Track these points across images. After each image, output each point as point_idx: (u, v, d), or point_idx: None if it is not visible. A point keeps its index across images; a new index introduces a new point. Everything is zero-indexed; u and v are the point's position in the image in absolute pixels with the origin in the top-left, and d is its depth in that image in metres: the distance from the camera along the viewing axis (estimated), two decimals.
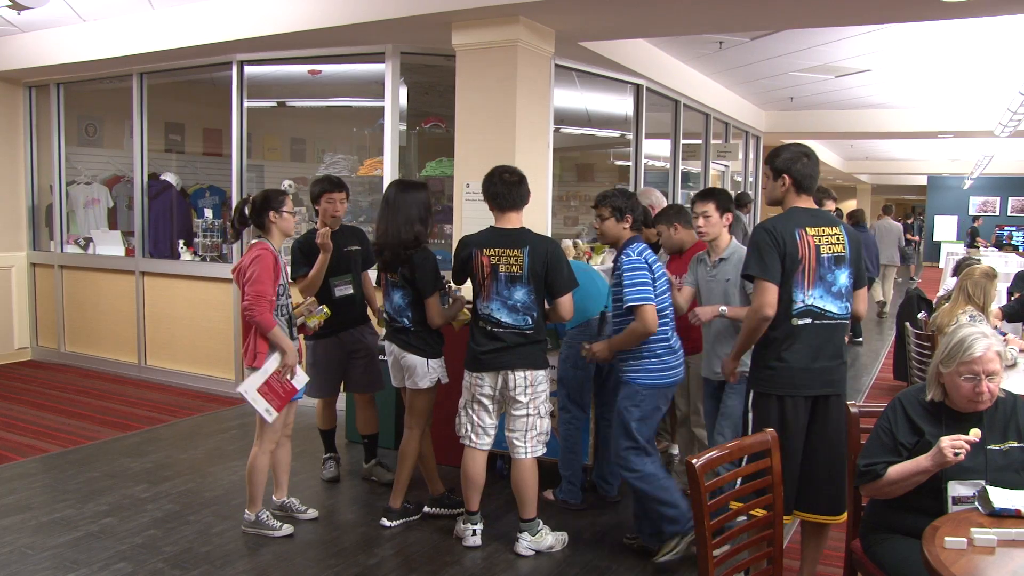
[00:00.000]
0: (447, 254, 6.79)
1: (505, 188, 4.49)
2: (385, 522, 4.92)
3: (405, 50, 7.16)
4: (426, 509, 5.09)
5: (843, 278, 3.76)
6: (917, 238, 25.17)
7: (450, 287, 4.92)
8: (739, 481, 3.18)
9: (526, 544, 4.59)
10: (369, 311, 5.70)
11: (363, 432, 5.75)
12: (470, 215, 6.26)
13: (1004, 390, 3.17)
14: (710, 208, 4.75)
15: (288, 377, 4.65)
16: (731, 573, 2.98)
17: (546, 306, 4.52)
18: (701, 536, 2.79)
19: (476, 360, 4.51)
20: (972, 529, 2.64)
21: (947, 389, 3.11)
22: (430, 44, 7.00)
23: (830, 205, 6.74)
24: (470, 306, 4.73)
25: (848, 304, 3.80)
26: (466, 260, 4.55)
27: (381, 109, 7.24)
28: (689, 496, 3.10)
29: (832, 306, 3.73)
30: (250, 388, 4.60)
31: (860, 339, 12.05)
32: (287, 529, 4.79)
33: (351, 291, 5.50)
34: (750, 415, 3.82)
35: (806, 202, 3.84)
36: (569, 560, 4.55)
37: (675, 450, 6.17)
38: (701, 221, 4.78)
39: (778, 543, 3.12)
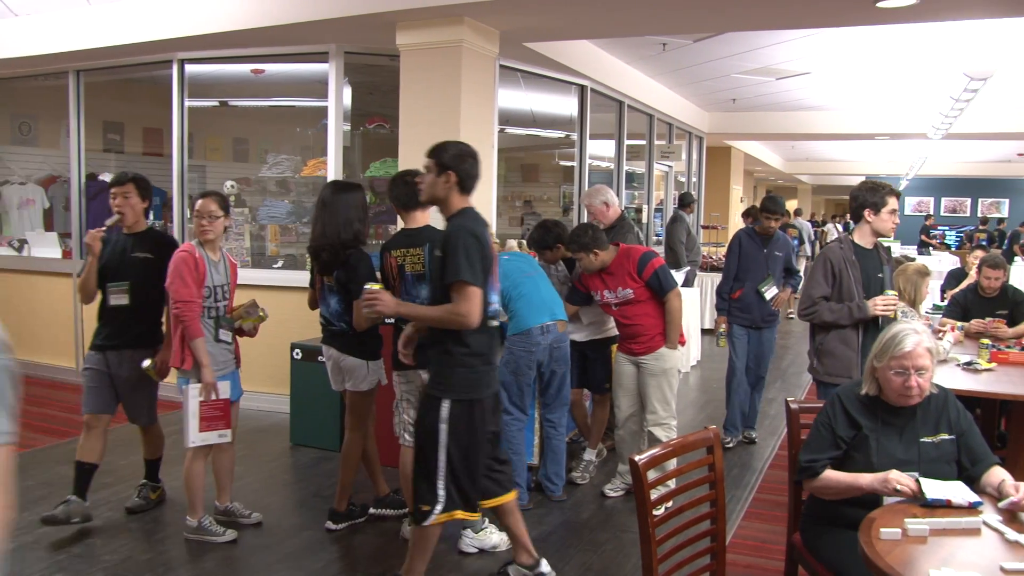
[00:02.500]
0: None
1: (405, 188, 4.52)
2: (330, 525, 4.89)
3: (349, 50, 7.12)
4: (372, 511, 5.07)
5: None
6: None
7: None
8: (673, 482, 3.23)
9: (469, 541, 4.60)
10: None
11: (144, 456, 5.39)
12: None
13: (936, 384, 3.26)
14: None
15: (213, 397, 4.62)
16: (675, 569, 3.00)
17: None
18: (645, 533, 2.81)
19: (396, 359, 4.52)
20: (906, 520, 2.70)
21: (881, 384, 3.19)
22: (374, 44, 6.97)
23: (774, 224, 6.75)
24: None
25: None
26: (382, 264, 4.58)
27: (325, 109, 7.19)
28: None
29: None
30: (193, 436, 4.60)
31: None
32: (231, 534, 4.73)
33: (126, 301, 4.90)
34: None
35: (467, 203, 3.85)
36: None
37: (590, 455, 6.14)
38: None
39: (720, 538, 3.16)
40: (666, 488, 4.11)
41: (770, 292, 6.64)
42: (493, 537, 4.64)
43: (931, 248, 21.35)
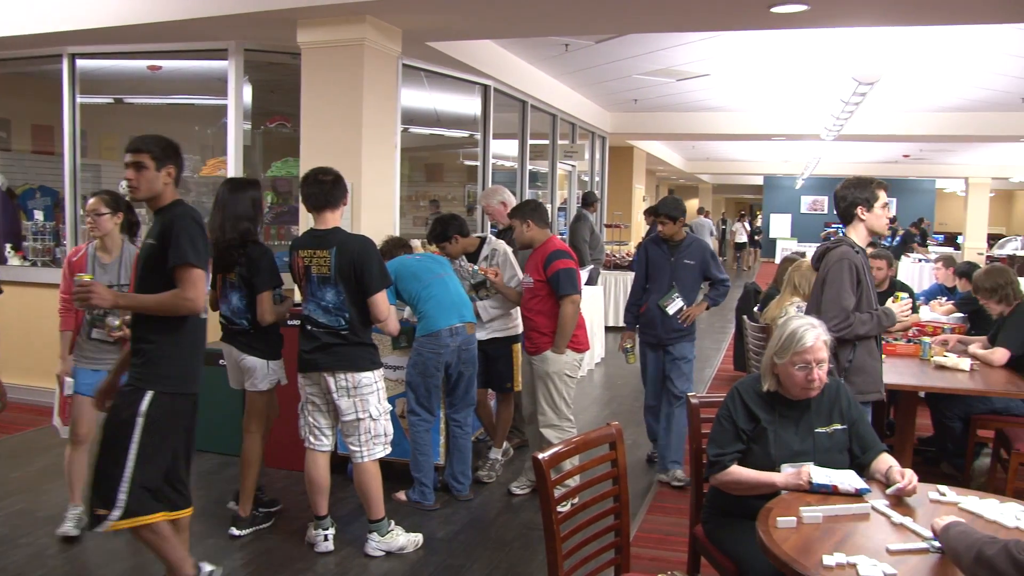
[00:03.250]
0: None
1: (317, 188, 4.47)
2: (234, 531, 4.80)
3: (249, 47, 7.00)
4: (232, 530, 4.87)
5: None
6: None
7: (281, 285, 4.85)
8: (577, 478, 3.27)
9: (375, 544, 4.57)
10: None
11: None
12: None
13: (829, 376, 3.38)
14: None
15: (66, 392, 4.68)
16: (580, 564, 3.04)
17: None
18: (549, 530, 2.84)
19: (301, 360, 4.51)
20: (801, 508, 2.81)
21: (781, 379, 3.29)
22: (275, 42, 6.87)
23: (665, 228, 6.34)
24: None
25: None
26: (291, 262, 4.56)
27: (224, 107, 7.05)
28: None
29: None
30: (57, 424, 4.86)
31: None
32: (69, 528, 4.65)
33: None
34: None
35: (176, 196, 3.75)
36: (423, 560, 4.56)
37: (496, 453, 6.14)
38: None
39: (625, 532, 3.22)
40: (568, 486, 4.15)
41: (673, 306, 5.87)
42: (400, 539, 4.63)
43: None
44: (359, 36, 6.09)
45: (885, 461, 3.22)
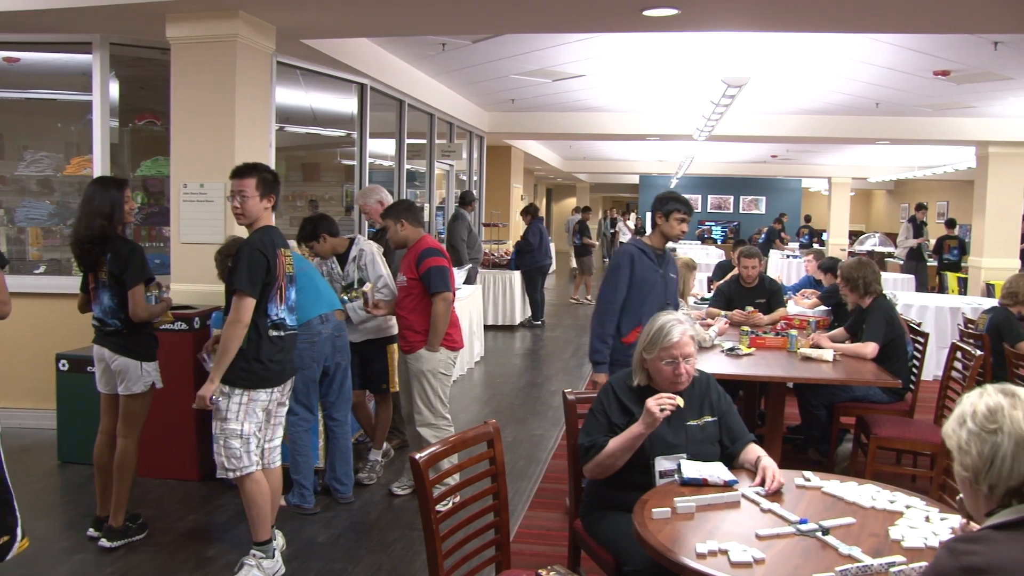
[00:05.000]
0: (166, 257, 6.50)
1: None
2: (105, 543, 4.60)
3: (115, 40, 6.76)
4: (103, 542, 4.65)
5: None
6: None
7: (159, 285, 4.70)
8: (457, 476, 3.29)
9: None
10: None
11: None
12: (189, 216, 6.02)
13: (698, 370, 3.50)
14: None
15: None
16: (461, 563, 3.06)
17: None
18: (428, 529, 2.84)
19: (271, 372, 4.24)
20: (675, 499, 2.90)
21: (651, 373, 3.39)
22: (143, 36, 6.66)
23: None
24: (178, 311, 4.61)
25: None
26: (275, 261, 4.22)
27: (89, 104, 6.79)
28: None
29: None
30: None
31: (539, 321, 13.38)
32: None
33: None
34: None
35: None
36: (304, 566, 4.49)
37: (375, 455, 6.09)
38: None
39: (504, 529, 3.25)
40: (448, 484, 4.16)
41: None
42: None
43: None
44: (231, 32, 5.95)
45: (753, 451, 3.35)
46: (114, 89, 6.96)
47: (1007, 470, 1.83)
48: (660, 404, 3.14)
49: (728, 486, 3.05)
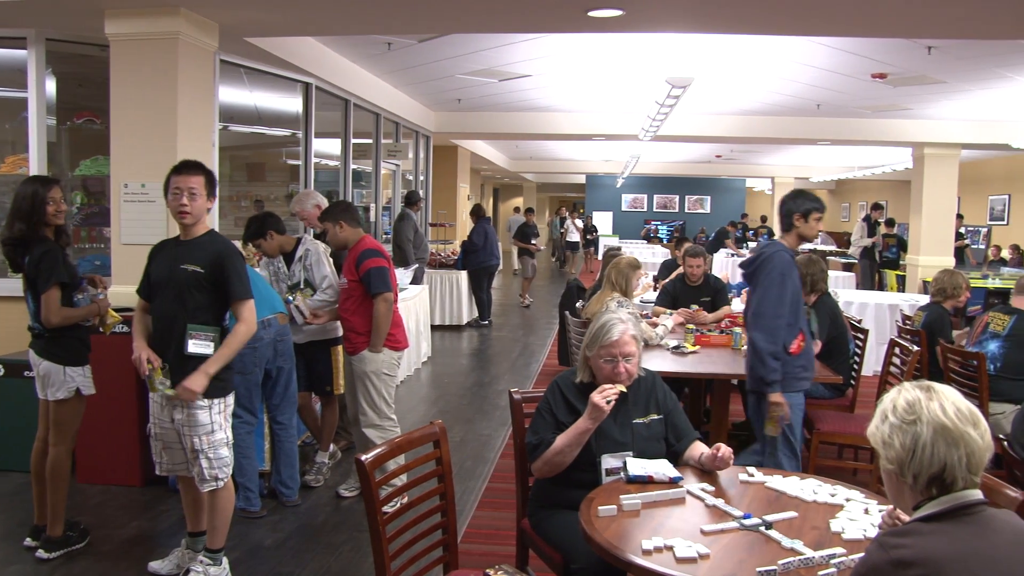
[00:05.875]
0: (107, 259, 6.38)
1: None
2: (42, 554, 4.47)
3: (51, 36, 6.61)
4: (40, 553, 4.52)
5: None
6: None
7: (94, 284, 4.59)
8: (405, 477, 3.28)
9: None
10: None
11: None
12: (130, 217, 5.91)
13: (644, 368, 3.53)
14: None
15: None
16: (409, 563, 3.05)
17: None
18: (375, 531, 2.83)
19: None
20: (621, 496, 2.93)
21: (594, 371, 3.42)
22: (81, 31, 6.52)
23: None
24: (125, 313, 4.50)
25: None
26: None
27: (24, 101, 6.63)
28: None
29: None
30: None
31: (486, 321, 13.37)
32: None
33: None
34: None
35: None
36: (252, 570, 4.44)
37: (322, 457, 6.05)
38: None
39: (452, 529, 3.25)
40: (394, 485, 4.14)
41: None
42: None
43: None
44: (172, 29, 5.85)
45: (698, 448, 3.40)
46: (51, 86, 6.82)
47: (928, 457, 1.93)
48: (604, 396, 3.18)
49: (673, 483, 3.08)
